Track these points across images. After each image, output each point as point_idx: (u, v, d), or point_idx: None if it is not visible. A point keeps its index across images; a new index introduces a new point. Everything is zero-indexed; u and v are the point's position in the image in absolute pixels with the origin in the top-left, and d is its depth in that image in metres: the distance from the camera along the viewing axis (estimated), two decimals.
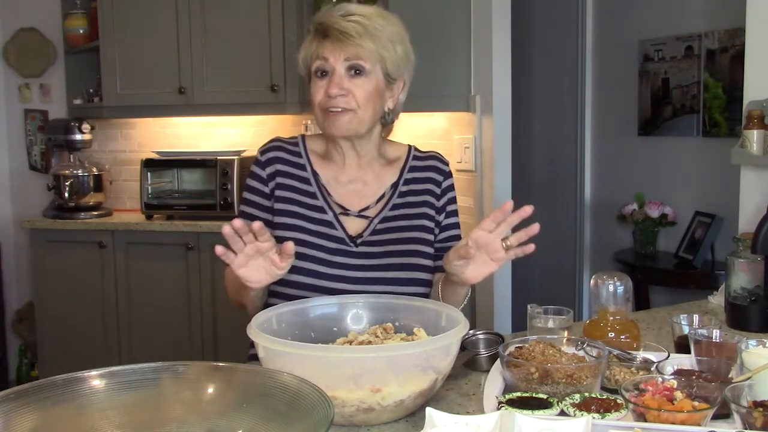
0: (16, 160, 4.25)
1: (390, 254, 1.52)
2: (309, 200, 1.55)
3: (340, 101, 1.47)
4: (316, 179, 1.57)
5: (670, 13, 3.65)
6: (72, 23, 3.93)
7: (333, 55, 1.47)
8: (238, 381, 1.03)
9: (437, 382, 1.15)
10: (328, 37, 1.47)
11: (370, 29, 1.47)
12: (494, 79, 3.05)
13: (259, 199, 1.56)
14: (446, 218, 1.61)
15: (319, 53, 1.48)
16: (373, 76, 1.49)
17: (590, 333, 1.38)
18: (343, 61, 1.47)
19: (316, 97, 1.50)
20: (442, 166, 1.64)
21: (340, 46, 1.46)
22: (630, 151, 3.91)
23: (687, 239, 3.51)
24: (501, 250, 1.29)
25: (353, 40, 1.45)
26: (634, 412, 1.03)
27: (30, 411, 0.93)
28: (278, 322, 1.27)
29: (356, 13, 1.48)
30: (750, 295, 1.66)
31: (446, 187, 1.63)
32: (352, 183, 1.58)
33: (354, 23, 1.46)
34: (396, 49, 1.51)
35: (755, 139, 2.15)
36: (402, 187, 1.59)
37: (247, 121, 3.92)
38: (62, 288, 3.63)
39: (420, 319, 1.31)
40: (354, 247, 1.52)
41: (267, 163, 1.57)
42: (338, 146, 1.56)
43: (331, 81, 1.47)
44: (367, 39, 1.46)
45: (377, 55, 1.48)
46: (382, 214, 1.56)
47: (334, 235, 1.52)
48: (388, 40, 1.49)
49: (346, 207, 1.55)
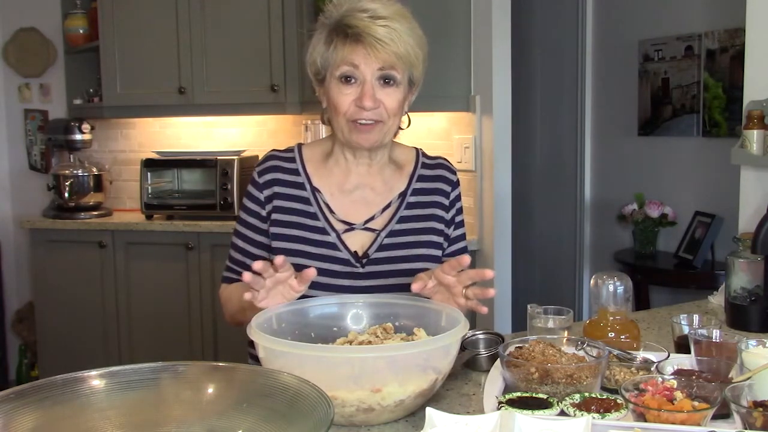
0: (16, 160, 4.25)
1: (398, 273, 1.47)
2: (309, 221, 1.48)
3: (372, 113, 1.40)
4: (315, 196, 1.50)
5: (670, 13, 3.65)
6: (72, 23, 3.93)
7: (365, 62, 1.38)
8: (238, 381, 1.03)
9: (437, 382, 1.15)
10: (360, 42, 1.37)
11: (403, 35, 1.38)
12: (494, 79, 3.05)
13: (256, 222, 1.52)
14: (455, 230, 1.59)
15: (350, 59, 1.39)
16: (402, 86, 1.43)
17: (590, 333, 1.38)
18: (376, 70, 1.39)
19: (342, 106, 1.41)
20: (450, 176, 1.60)
21: (375, 54, 1.37)
22: (630, 151, 3.91)
23: (687, 239, 3.51)
24: (461, 296, 1.27)
25: (388, 48, 1.37)
26: (634, 412, 1.03)
27: (30, 411, 0.93)
28: (278, 322, 1.27)
29: (383, 16, 1.38)
30: (750, 295, 1.66)
31: (454, 198, 1.59)
32: (359, 189, 1.52)
33: (385, 27, 1.37)
34: (421, 55, 1.44)
35: (755, 139, 2.15)
36: (410, 198, 1.54)
37: (247, 121, 3.92)
38: (62, 288, 3.63)
39: (420, 319, 1.31)
40: (360, 268, 1.47)
41: (265, 185, 1.51)
42: (350, 152, 1.49)
43: (363, 92, 1.39)
44: (401, 46, 1.38)
45: (408, 63, 1.41)
46: (389, 227, 1.50)
47: (338, 257, 1.46)
48: (416, 44, 1.41)
49: (350, 221, 1.49)
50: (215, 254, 3.36)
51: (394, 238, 1.50)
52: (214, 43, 3.55)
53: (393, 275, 1.47)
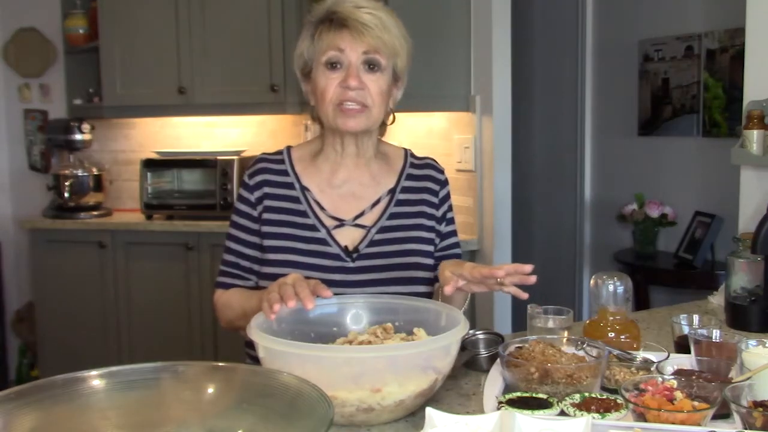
0: (16, 160, 4.25)
1: (389, 268, 1.50)
2: (299, 219, 1.51)
3: (358, 95, 1.43)
4: (305, 195, 1.53)
5: (670, 13, 3.65)
6: (72, 23, 3.93)
7: (351, 46, 1.42)
8: (238, 381, 1.03)
9: (437, 382, 1.15)
10: (346, 27, 1.42)
11: (387, 23, 1.43)
12: (494, 79, 3.06)
13: (248, 223, 1.54)
14: (446, 226, 1.61)
15: (335, 44, 1.42)
16: (386, 73, 1.46)
17: (590, 333, 1.38)
18: (360, 54, 1.42)
19: (328, 90, 1.44)
20: (438, 175, 1.63)
21: (360, 38, 1.41)
22: (630, 151, 3.91)
23: (687, 239, 3.51)
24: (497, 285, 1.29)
25: (372, 32, 1.41)
26: (634, 412, 1.03)
27: (30, 411, 0.93)
28: (278, 322, 1.27)
29: (368, 6, 1.43)
30: (750, 295, 1.66)
31: (443, 197, 1.61)
32: (347, 184, 1.55)
33: (370, 15, 1.42)
34: (405, 47, 1.48)
35: (755, 139, 2.15)
36: (399, 195, 1.56)
37: (247, 121, 3.92)
38: (62, 288, 3.63)
39: (420, 319, 1.31)
40: (351, 262, 1.49)
41: (255, 187, 1.54)
42: (339, 143, 1.52)
43: (349, 73, 1.42)
44: (385, 33, 1.42)
45: (393, 51, 1.44)
46: (379, 224, 1.53)
47: (328, 252, 1.49)
48: (401, 36, 1.46)
49: (339, 216, 1.52)
50: (215, 254, 3.35)
51: (385, 233, 1.53)
52: (214, 43, 3.55)
53: (383, 270, 1.50)
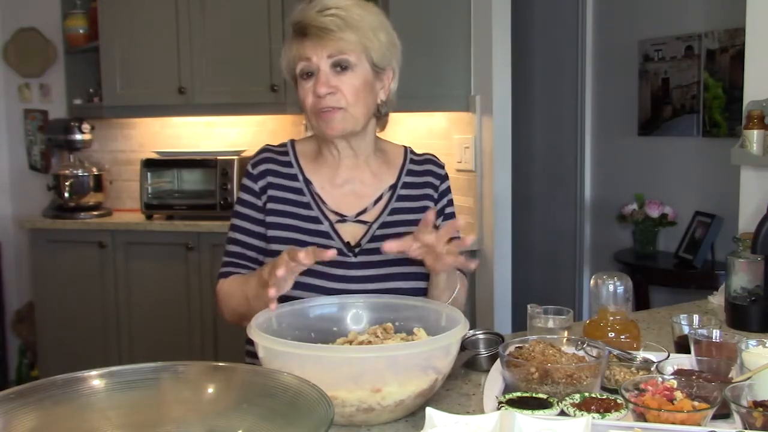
0: (16, 160, 4.25)
1: (390, 263, 1.49)
2: (303, 211, 1.51)
3: (330, 100, 1.43)
4: (308, 188, 1.53)
5: (670, 13, 3.65)
6: (72, 23, 3.93)
7: (315, 53, 1.42)
8: (238, 381, 1.03)
9: (437, 382, 1.15)
10: (307, 36, 1.42)
11: (350, 21, 1.42)
12: (494, 79, 3.06)
13: (253, 213, 1.53)
14: (444, 221, 1.60)
15: (301, 54, 1.43)
16: (359, 69, 1.44)
17: (590, 333, 1.38)
18: (326, 59, 1.42)
19: (306, 101, 1.45)
20: (438, 170, 1.63)
21: (321, 43, 1.41)
22: (630, 151, 3.91)
23: (687, 239, 3.51)
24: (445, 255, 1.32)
25: (333, 34, 1.40)
26: (634, 412, 1.03)
27: (30, 411, 0.93)
28: (278, 322, 1.27)
29: (333, 6, 1.42)
30: (750, 295, 1.66)
31: (443, 191, 1.62)
32: (349, 183, 1.55)
33: (332, 17, 1.41)
34: (379, 37, 1.46)
35: (755, 139, 2.15)
36: (400, 191, 1.57)
37: (247, 121, 3.92)
38: (62, 288, 3.63)
39: (420, 319, 1.31)
40: (353, 257, 1.49)
41: (259, 176, 1.54)
42: (333, 146, 1.52)
43: (317, 80, 1.42)
44: (347, 31, 1.41)
45: (361, 46, 1.43)
46: (380, 219, 1.53)
47: (330, 246, 1.47)
48: (369, 29, 1.44)
49: (342, 213, 1.52)
50: (215, 254, 3.36)
51: (386, 229, 1.52)
52: (214, 43, 3.55)
53: (385, 265, 1.50)
